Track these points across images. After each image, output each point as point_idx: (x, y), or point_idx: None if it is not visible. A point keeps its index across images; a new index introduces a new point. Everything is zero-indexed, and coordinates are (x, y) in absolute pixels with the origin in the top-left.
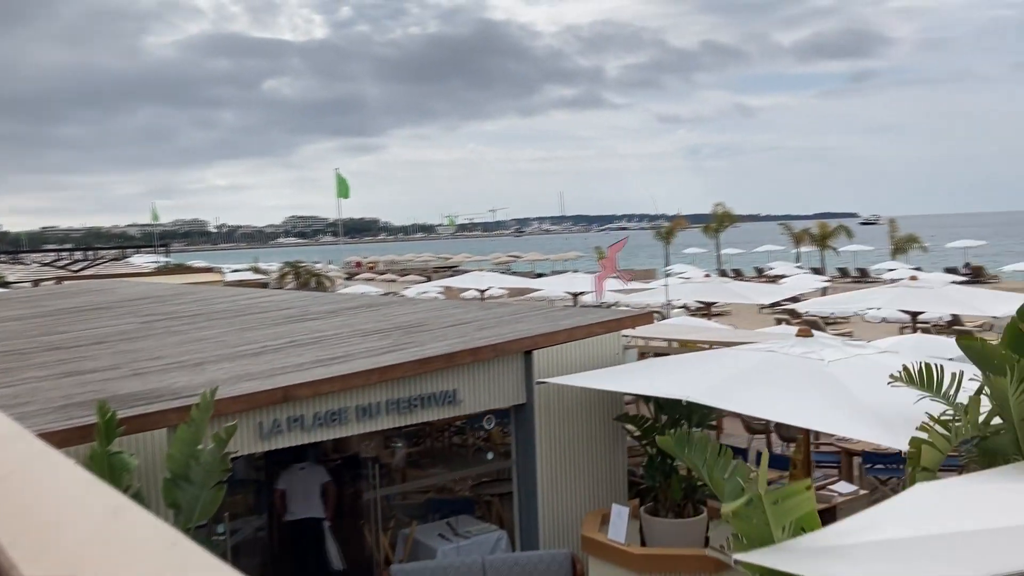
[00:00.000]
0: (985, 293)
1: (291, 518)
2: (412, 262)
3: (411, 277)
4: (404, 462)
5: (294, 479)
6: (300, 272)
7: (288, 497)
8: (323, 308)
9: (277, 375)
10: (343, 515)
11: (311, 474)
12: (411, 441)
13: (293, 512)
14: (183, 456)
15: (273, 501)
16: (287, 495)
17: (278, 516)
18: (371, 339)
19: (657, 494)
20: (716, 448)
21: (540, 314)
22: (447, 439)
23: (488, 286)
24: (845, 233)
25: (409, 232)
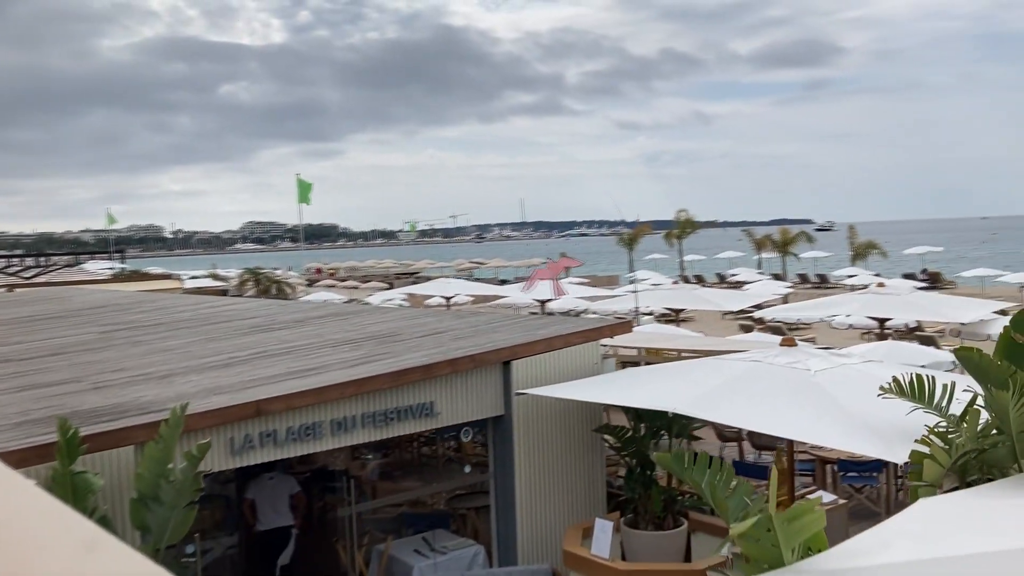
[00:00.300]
0: (952, 299)
1: (261, 528)
2: (374, 268)
3: (373, 284)
4: (376, 474)
5: (263, 489)
6: (260, 279)
7: (257, 507)
8: (290, 317)
9: (248, 388)
10: (313, 530)
11: (280, 484)
12: (379, 452)
13: (263, 522)
14: (152, 476)
15: (243, 512)
16: (256, 505)
17: (248, 526)
18: (343, 350)
19: (637, 506)
20: (718, 465)
21: (517, 323)
22: (416, 450)
23: (455, 293)
24: (806, 239)
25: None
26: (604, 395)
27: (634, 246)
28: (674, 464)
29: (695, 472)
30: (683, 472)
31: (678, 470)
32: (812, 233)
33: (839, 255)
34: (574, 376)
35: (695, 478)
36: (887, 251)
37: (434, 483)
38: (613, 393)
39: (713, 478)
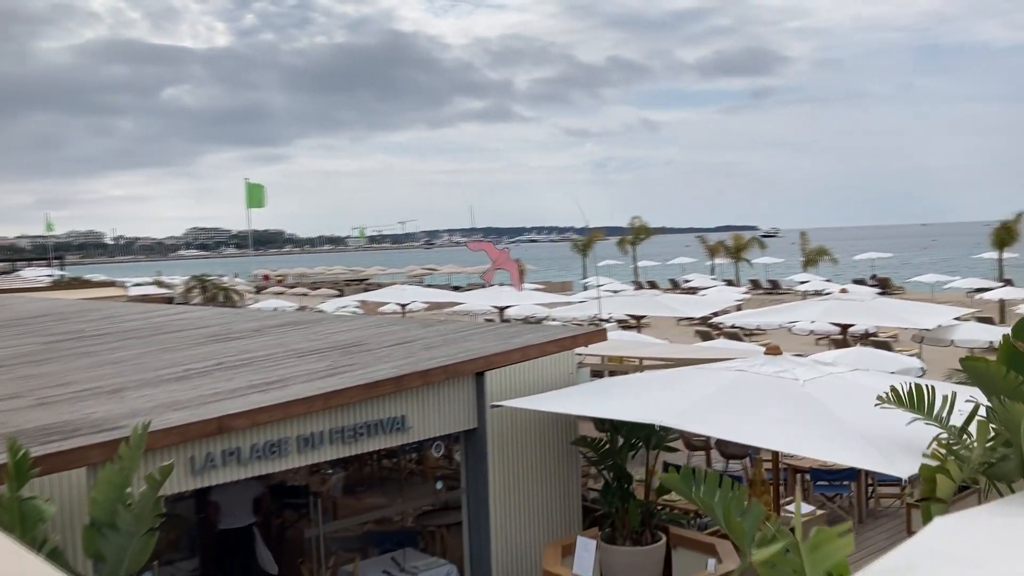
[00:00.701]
0: (914, 305)
1: (223, 527)
2: (323, 275)
3: (324, 291)
4: (339, 490)
5: (228, 491)
6: (207, 286)
7: (221, 509)
8: (247, 326)
9: (209, 403)
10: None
11: (246, 487)
12: (339, 466)
13: (225, 522)
14: (109, 500)
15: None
16: (220, 507)
17: (211, 526)
18: (308, 361)
19: (614, 521)
20: (729, 485)
21: (488, 332)
22: (376, 462)
23: (411, 300)
24: (758, 245)
25: (316, 244)
26: (585, 407)
27: (588, 252)
28: (682, 484)
29: (705, 492)
30: (692, 493)
31: (686, 490)
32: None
33: (789, 261)
34: (550, 386)
35: (705, 499)
36: (837, 257)
37: (401, 499)
38: (595, 405)
39: (725, 498)
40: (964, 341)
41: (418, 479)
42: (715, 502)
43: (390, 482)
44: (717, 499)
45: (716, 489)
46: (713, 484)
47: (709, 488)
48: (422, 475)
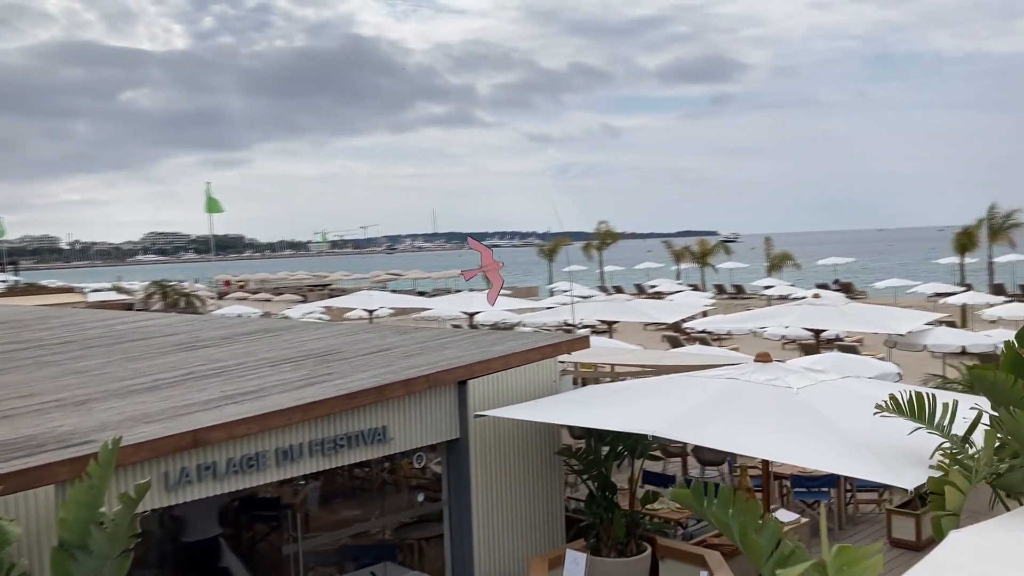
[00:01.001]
0: (887, 310)
1: (188, 539)
2: (286, 281)
3: (287, 296)
4: (314, 503)
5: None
6: (168, 292)
7: (186, 521)
8: (216, 333)
9: (181, 415)
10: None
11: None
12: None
13: (190, 535)
14: (80, 521)
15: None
16: (184, 519)
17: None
18: (282, 370)
19: (599, 531)
20: (743, 500)
21: (467, 339)
22: (347, 472)
23: (378, 306)
24: (723, 250)
25: (277, 249)
26: (574, 416)
27: (554, 257)
28: (693, 500)
29: (718, 508)
30: (703, 508)
31: (697, 506)
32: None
33: (753, 266)
34: (533, 395)
35: (718, 515)
36: (800, 262)
37: (379, 512)
38: (584, 414)
39: (740, 515)
40: (936, 346)
41: (392, 489)
42: (730, 518)
43: (366, 493)
44: (731, 515)
45: (729, 504)
46: (726, 499)
47: (722, 503)
48: (395, 485)
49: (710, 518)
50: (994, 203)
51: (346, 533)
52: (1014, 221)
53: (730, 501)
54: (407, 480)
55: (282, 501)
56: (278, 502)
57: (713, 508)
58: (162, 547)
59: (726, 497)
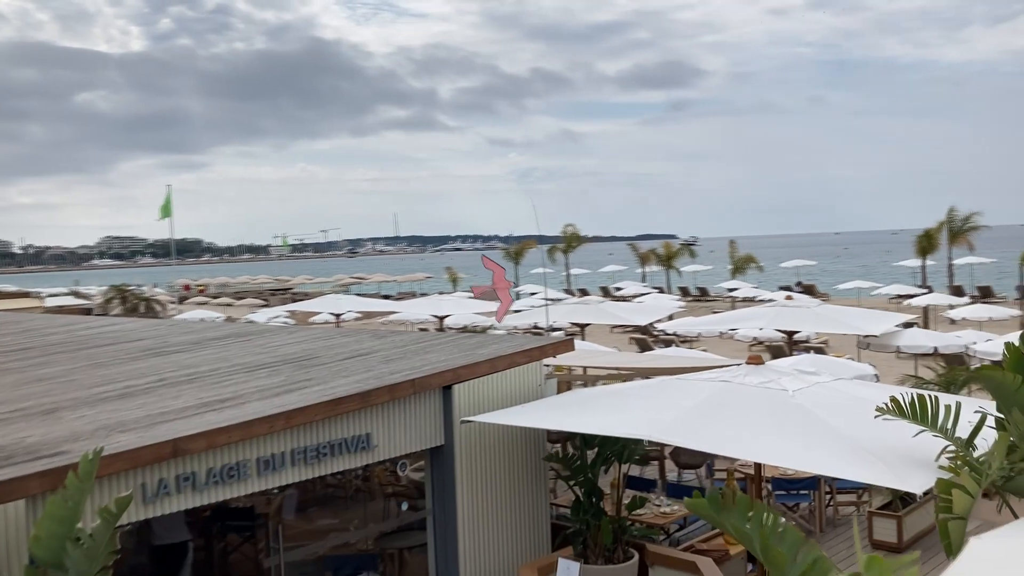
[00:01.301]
0: (859, 312)
1: (158, 543)
2: (247, 285)
3: (249, 301)
4: (291, 511)
5: None
6: (127, 296)
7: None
8: (185, 338)
9: (158, 424)
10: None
11: None
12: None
13: (161, 537)
14: (55, 538)
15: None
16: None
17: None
18: (259, 376)
19: (586, 538)
20: (762, 509)
21: (449, 343)
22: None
23: (346, 310)
24: (688, 253)
25: (236, 253)
26: (567, 422)
27: (519, 260)
28: (711, 509)
29: (735, 517)
30: (721, 519)
31: (714, 517)
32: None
33: (716, 269)
34: (519, 399)
35: (737, 526)
36: (763, 265)
37: (358, 521)
38: (577, 419)
39: (760, 525)
40: (909, 347)
41: (367, 496)
42: (750, 530)
43: (342, 501)
44: (751, 526)
45: (747, 515)
46: (744, 508)
47: (740, 514)
48: (369, 492)
49: (728, 528)
50: (953, 207)
51: (325, 545)
52: (972, 224)
53: (748, 510)
54: (382, 487)
55: (256, 510)
56: (252, 512)
57: (731, 518)
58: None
59: (744, 506)
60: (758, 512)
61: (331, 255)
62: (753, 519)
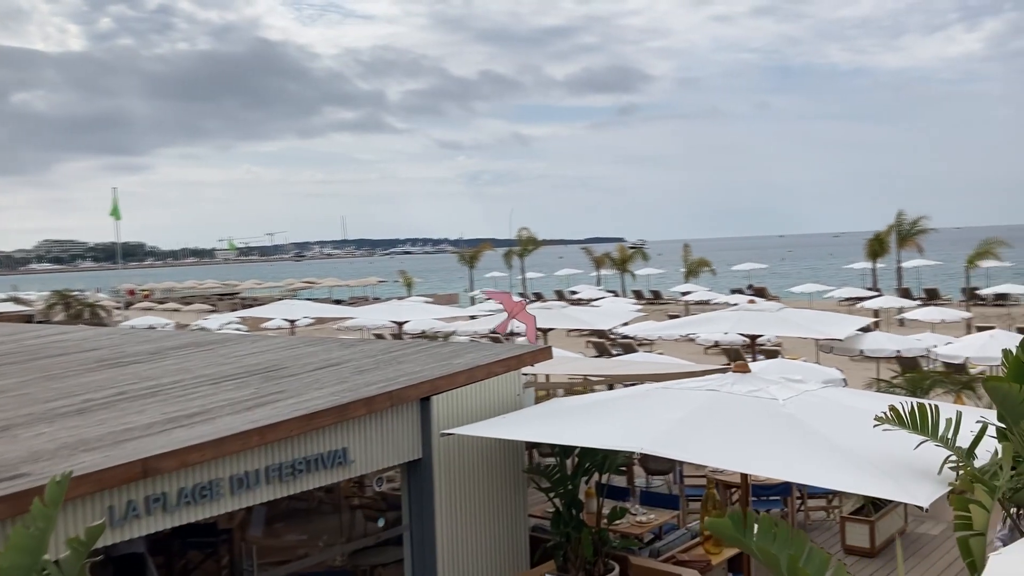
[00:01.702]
0: (822, 316)
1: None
2: (194, 290)
3: (197, 306)
4: (259, 528)
5: None
6: (71, 302)
7: None
8: (142, 348)
9: (123, 441)
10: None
11: None
12: None
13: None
14: (19, 570)
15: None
16: None
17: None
18: (225, 388)
19: (566, 551)
20: (787, 529)
21: (422, 352)
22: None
23: (301, 315)
24: (642, 256)
25: (179, 257)
26: (555, 433)
27: (474, 264)
28: (734, 529)
29: (760, 538)
30: (744, 540)
31: (737, 537)
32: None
33: (669, 272)
34: (498, 410)
35: (762, 546)
36: (716, 269)
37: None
38: (565, 430)
39: (787, 546)
40: (872, 350)
41: (330, 508)
42: (777, 551)
43: (307, 514)
44: (777, 547)
45: (773, 534)
46: (768, 529)
47: (763, 534)
48: (332, 504)
49: (753, 551)
50: (902, 210)
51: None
52: (921, 227)
53: (772, 531)
54: (347, 500)
55: (219, 526)
56: (214, 527)
57: (758, 540)
58: None
59: (767, 527)
60: (783, 532)
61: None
62: (779, 539)
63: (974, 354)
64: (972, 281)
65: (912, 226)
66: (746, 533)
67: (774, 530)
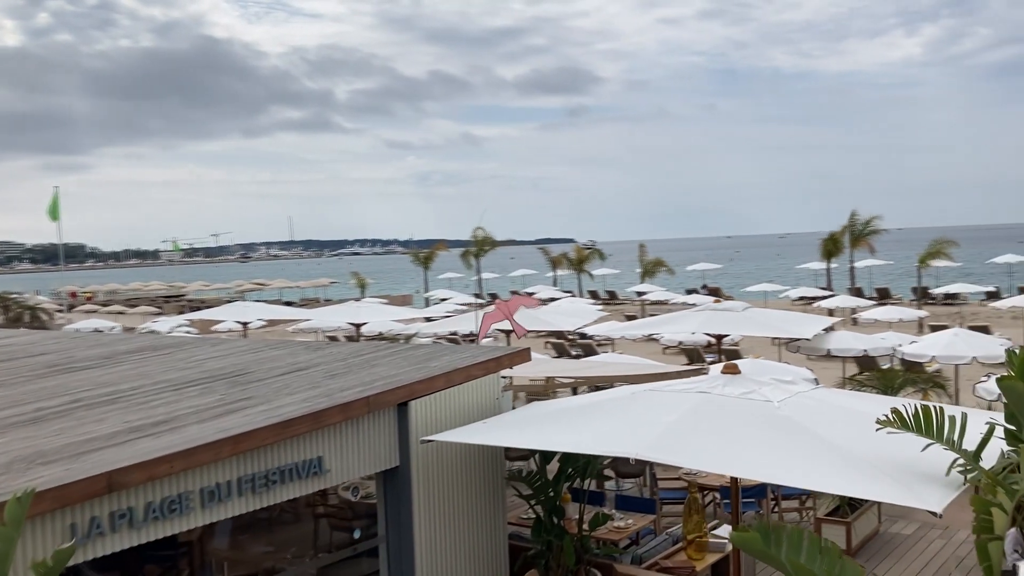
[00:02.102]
0: (788, 315)
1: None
2: (139, 291)
3: (143, 308)
4: (226, 539)
5: None
6: (10, 305)
7: None
8: (94, 352)
9: (84, 453)
10: None
11: None
12: None
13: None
14: None
15: None
16: None
17: None
18: (189, 395)
19: (548, 560)
20: (816, 543)
21: (395, 355)
22: None
23: (255, 318)
24: (599, 256)
25: (122, 258)
26: (542, 438)
27: (429, 264)
28: (763, 545)
29: (789, 552)
30: (774, 555)
31: (766, 551)
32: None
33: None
34: (477, 415)
35: (794, 560)
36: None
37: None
38: (552, 436)
39: (818, 559)
40: (839, 350)
41: (291, 517)
42: (813, 567)
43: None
44: (808, 561)
45: (801, 548)
46: (798, 542)
47: (793, 547)
48: (294, 513)
49: (787, 566)
50: (855, 211)
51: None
52: (873, 228)
53: (802, 544)
54: (311, 508)
55: (178, 537)
56: (174, 539)
57: (790, 554)
58: None
59: (797, 540)
60: (814, 545)
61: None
62: (809, 553)
63: (940, 352)
64: (922, 281)
65: (865, 226)
66: (775, 547)
67: (803, 543)
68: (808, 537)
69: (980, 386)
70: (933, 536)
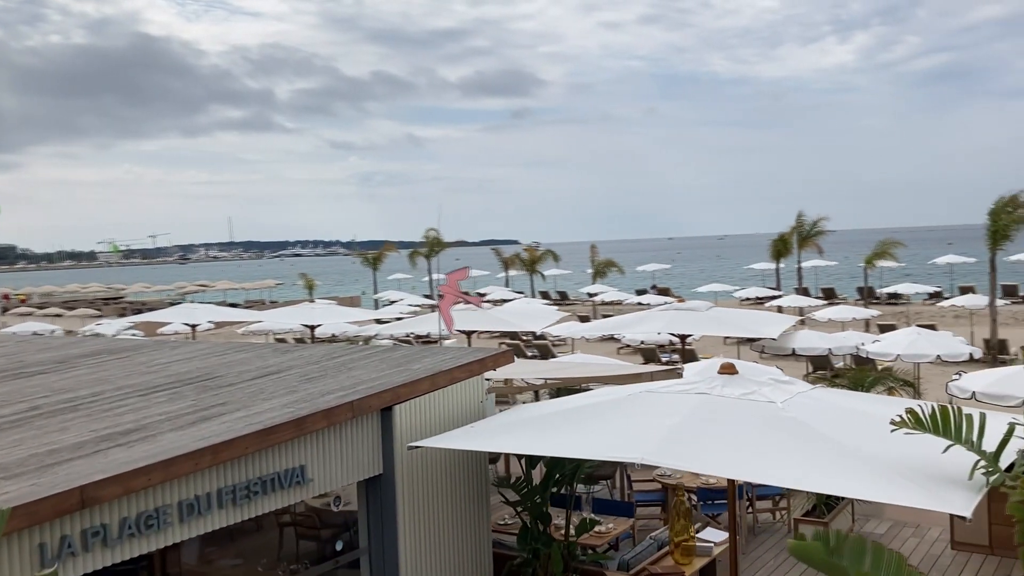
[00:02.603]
0: (752, 315)
1: None
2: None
3: (82, 311)
4: (195, 553)
5: None
6: None
7: None
8: (45, 356)
9: (51, 466)
10: None
11: None
12: None
13: None
14: None
15: None
16: None
17: None
18: (157, 401)
19: (535, 568)
20: (880, 551)
21: (373, 356)
22: None
23: (204, 320)
24: (552, 257)
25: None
26: (537, 443)
27: (378, 266)
28: (823, 554)
29: (850, 561)
30: (838, 565)
31: (828, 563)
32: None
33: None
34: (462, 419)
35: (859, 570)
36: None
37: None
38: (549, 440)
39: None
40: (804, 349)
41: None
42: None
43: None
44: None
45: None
46: (860, 552)
47: (855, 558)
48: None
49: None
50: (802, 212)
51: None
52: (820, 229)
53: (865, 554)
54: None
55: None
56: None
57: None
58: None
59: (860, 550)
60: (877, 555)
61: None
62: (874, 563)
63: (903, 351)
64: (868, 281)
65: (812, 228)
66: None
67: (865, 553)
68: (872, 546)
69: (952, 384)
70: (907, 535)
